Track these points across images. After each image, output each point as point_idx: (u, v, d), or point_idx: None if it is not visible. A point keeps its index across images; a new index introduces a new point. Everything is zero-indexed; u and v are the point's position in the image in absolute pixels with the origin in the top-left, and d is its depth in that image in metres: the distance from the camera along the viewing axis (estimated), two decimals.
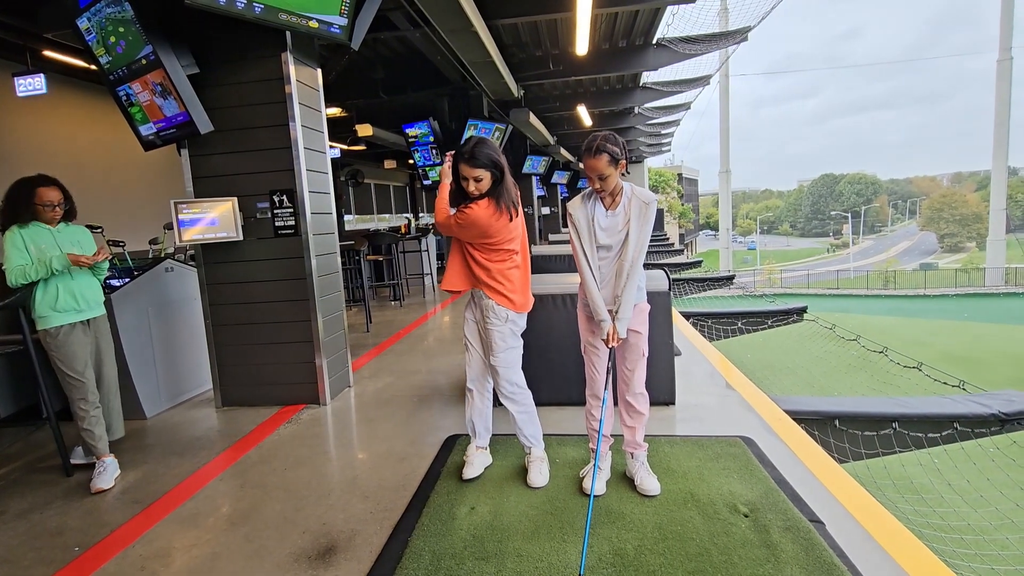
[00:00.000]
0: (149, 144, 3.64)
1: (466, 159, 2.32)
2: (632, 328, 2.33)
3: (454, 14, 4.72)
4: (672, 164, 53.35)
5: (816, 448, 2.81)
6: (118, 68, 3.38)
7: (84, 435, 2.80)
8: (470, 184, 2.35)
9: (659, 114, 15.79)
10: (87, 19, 3.29)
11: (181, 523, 2.37)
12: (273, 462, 2.92)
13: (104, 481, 2.72)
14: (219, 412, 3.76)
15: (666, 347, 3.31)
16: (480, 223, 2.34)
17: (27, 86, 5.54)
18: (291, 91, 3.50)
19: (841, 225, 78.79)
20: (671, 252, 19.52)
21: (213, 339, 3.83)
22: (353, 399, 3.89)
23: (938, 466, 4.43)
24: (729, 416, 3.23)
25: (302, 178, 3.59)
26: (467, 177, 2.34)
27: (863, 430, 3.98)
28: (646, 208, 2.24)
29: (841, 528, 2.08)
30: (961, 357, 19.86)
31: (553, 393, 3.30)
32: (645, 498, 2.32)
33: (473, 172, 2.33)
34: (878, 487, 4.01)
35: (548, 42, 7.77)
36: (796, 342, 11.94)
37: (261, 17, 3.00)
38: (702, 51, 8.52)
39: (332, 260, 3.98)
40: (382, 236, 8.00)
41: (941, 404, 4.26)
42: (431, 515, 2.25)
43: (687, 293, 12.66)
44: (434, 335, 5.91)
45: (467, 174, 2.34)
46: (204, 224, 3.56)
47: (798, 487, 2.36)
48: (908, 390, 5.95)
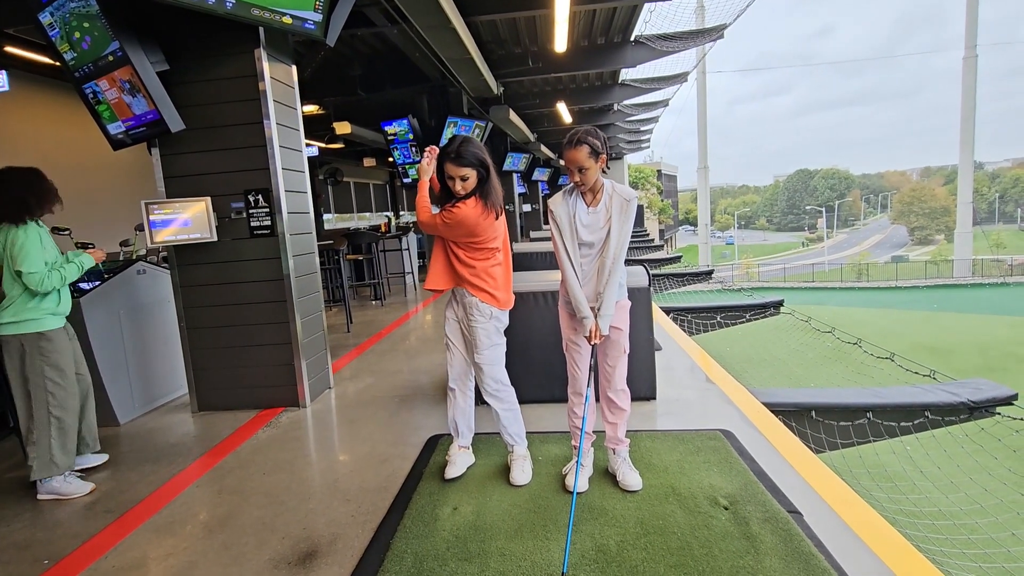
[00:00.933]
0: (118, 143, 3.54)
1: (452, 158, 2.30)
2: (613, 325, 2.34)
3: (432, 10, 4.68)
4: (651, 161, 53.83)
5: (793, 439, 2.86)
6: (84, 65, 3.28)
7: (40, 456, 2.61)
8: (456, 183, 2.33)
9: (638, 111, 15.90)
10: (50, 14, 3.18)
11: (156, 532, 2.32)
12: (251, 467, 2.87)
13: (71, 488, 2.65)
14: (195, 417, 3.69)
15: (647, 342, 3.34)
16: (468, 222, 2.32)
17: None
18: (265, 88, 3.44)
19: (816, 219, 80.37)
20: (651, 248, 19.69)
21: (188, 342, 3.75)
22: (334, 401, 3.84)
23: (910, 454, 4.55)
24: (709, 409, 3.27)
25: (278, 177, 3.53)
26: (453, 176, 2.33)
27: (838, 420, 4.07)
28: (627, 205, 2.25)
29: (818, 518, 2.12)
30: (931, 347, 20.43)
31: (535, 391, 3.30)
32: (627, 494, 2.34)
33: (460, 171, 2.31)
34: (853, 476, 4.10)
35: (527, 39, 7.75)
36: (773, 335, 12.14)
37: (233, 12, 2.94)
38: (679, 48, 8.59)
39: (310, 260, 3.93)
40: (362, 235, 7.92)
41: (913, 393, 4.38)
42: (413, 516, 2.24)
43: (667, 288, 12.79)
44: (416, 334, 5.87)
45: (453, 173, 2.32)
46: (177, 225, 3.48)
47: (776, 478, 2.40)
48: (882, 380, 6.09)
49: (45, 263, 2.59)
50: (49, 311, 2.65)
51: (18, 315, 2.58)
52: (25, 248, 2.53)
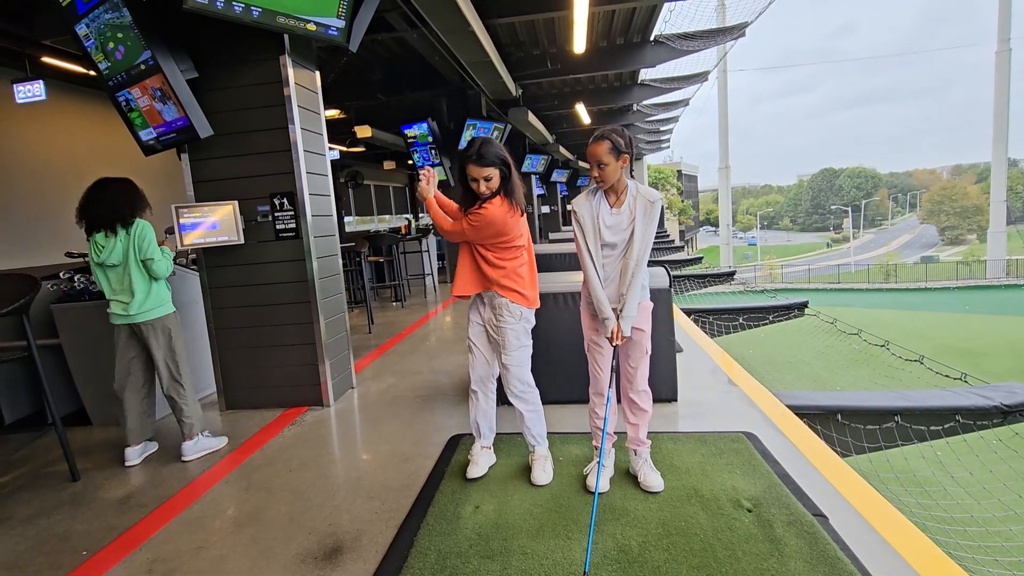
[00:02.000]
0: (149, 149, 3.64)
1: (475, 160, 2.32)
2: (635, 326, 2.34)
3: (451, 14, 4.72)
4: (671, 161, 53.34)
5: (818, 442, 2.82)
6: (117, 74, 3.39)
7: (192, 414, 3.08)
8: (480, 184, 2.35)
9: (658, 111, 15.79)
10: (85, 25, 3.30)
11: (188, 526, 2.38)
12: (278, 464, 2.93)
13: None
14: (223, 415, 3.78)
15: (668, 344, 3.32)
16: (497, 221, 2.35)
17: (26, 93, 5.55)
18: (290, 94, 3.51)
19: (841, 219, 78.74)
20: (672, 249, 19.53)
21: (216, 342, 3.84)
22: (356, 400, 3.90)
23: (941, 459, 4.43)
24: (731, 412, 3.24)
25: (302, 181, 3.60)
26: (476, 178, 2.34)
27: (865, 424, 4.00)
28: (651, 207, 2.25)
29: (845, 522, 2.09)
30: (963, 349, 19.85)
31: (556, 391, 3.30)
32: (649, 494, 2.33)
33: (483, 172, 2.33)
34: (881, 480, 4.02)
35: (546, 41, 7.77)
36: (797, 337, 11.94)
37: (259, 21, 3.01)
38: (700, 47, 8.52)
39: (333, 262, 3.99)
40: (383, 237, 8.01)
41: (943, 397, 4.27)
42: (436, 514, 2.26)
43: (688, 290, 12.68)
44: (436, 335, 5.92)
45: (477, 175, 2.33)
46: (205, 228, 3.57)
47: (801, 481, 2.37)
48: (910, 383, 5.96)
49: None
50: (170, 296, 3.11)
51: (159, 302, 3.02)
52: (149, 240, 2.94)
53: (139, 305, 2.94)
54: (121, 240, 2.91)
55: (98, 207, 2.89)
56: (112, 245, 2.89)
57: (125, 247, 2.92)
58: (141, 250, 2.92)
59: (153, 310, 2.99)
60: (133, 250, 2.92)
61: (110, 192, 2.92)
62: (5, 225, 6.25)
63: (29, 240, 6.42)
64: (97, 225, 2.89)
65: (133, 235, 2.92)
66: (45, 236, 6.55)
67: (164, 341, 3.03)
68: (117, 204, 2.91)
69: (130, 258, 2.92)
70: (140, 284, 2.94)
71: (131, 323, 2.97)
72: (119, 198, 2.92)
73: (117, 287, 2.96)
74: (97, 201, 2.90)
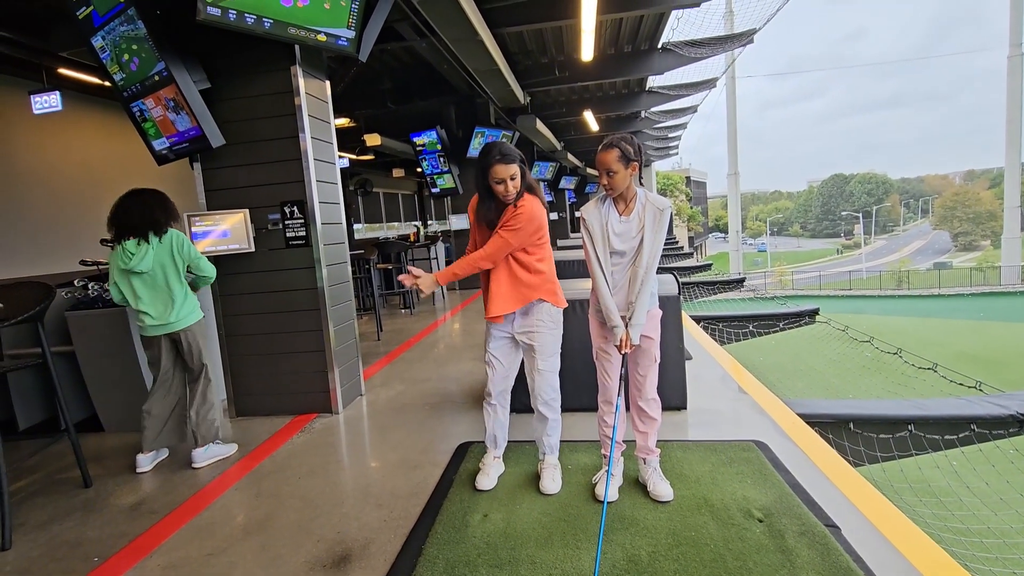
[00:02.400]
0: (162, 159, 3.70)
1: (499, 159, 2.30)
2: (644, 334, 2.33)
3: (460, 23, 4.77)
4: (680, 167, 53.22)
5: (830, 452, 2.79)
6: (132, 85, 3.45)
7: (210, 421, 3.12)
8: (507, 185, 2.33)
9: (666, 118, 15.79)
10: (101, 37, 3.36)
11: (198, 532, 2.39)
12: (287, 471, 2.94)
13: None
14: (233, 422, 3.80)
15: (677, 351, 3.30)
16: (536, 215, 2.38)
17: (43, 103, 5.66)
18: (300, 103, 3.55)
19: (852, 225, 78.08)
20: (680, 255, 19.45)
21: (226, 349, 3.87)
22: (365, 407, 3.91)
23: (956, 468, 4.37)
24: (741, 420, 3.21)
25: (312, 189, 3.64)
26: (503, 178, 2.32)
27: (878, 433, 3.94)
28: (660, 214, 2.25)
29: (857, 533, 2.06)
30: (977, 357, 19.56)
31: (564, 399, 3.29)
32: (658, 504, 2.32)
33: (510, 170, 2.31)
34: (895, 490, 3.96)
35: (553, 49, 7.81)
36: (809, 344, 11.84)
37: (271, 32, 3.05)
38: (708, 54, 8.52)
39: (343, 269, 4.02)
40: (392, 244, 8.05)
41: (958, 405, 4.21)
42: (444, 523, 2.26)
43: (697, 296, 12.61)
44: (444, 342, 5.92)
45: (504, 174, 2.31)
46: (216, 236, 3.61)
47: (813, 491, 2.34)
48: (924, 392, 5.88)
49: None
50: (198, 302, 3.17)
51: (193, 307, 3.10)
52: (188, 245, 3.05)
53: (177, 312, 3.01)
54: (153, 248, 2.94)
55: (131, 215, 2.95)
56: (143, 252, 2.92)
57: (158, 256, 2.95)
58: (186, 257, 3.02)
59: (190, 315, 3.06)
60: (172, 258, 2.99)
61: (144, 201, 2.98)
62: (21, 233, 6.35)
63: (44, 248, 6.52)
64: (128, 232, 2.93)
65: (170, 244, 2.98)
66: (60, 244, 6.64)
67: (201, 344, 3.11)
68: (152, 213, 2.97)
69: (167, 267, 2.97)
70: (178, 291, 3.01)
71: (170, 332, 3.02)
72: (154, 207, 2.99)
73: (144, 296, 2.97)
74: (130, 209, 2.95)
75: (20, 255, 6.29)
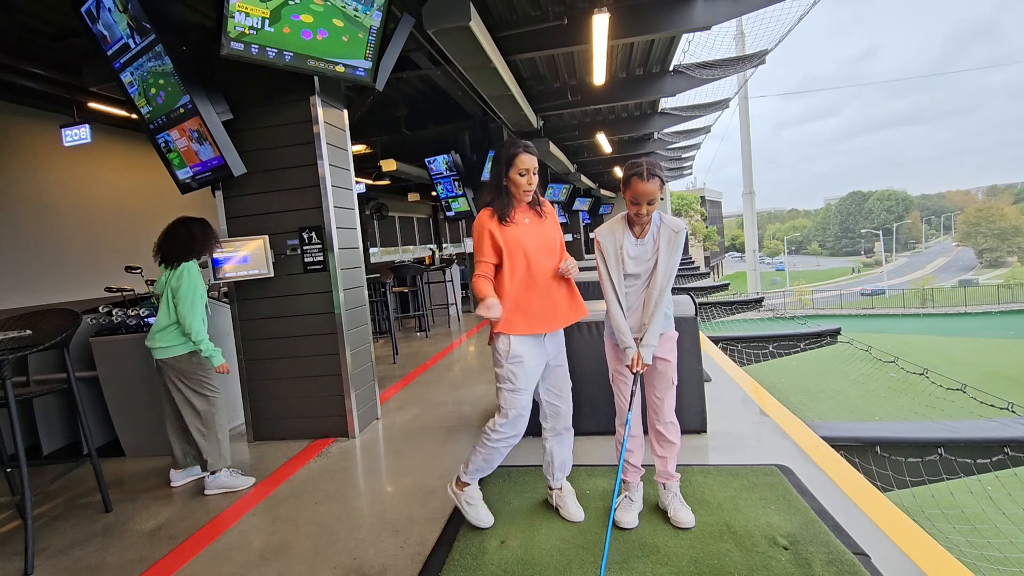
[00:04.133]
0: (185, 187, 3.80)
1: (526, 148, 2.25)
2: (660, 356, 2.31)
3: (474, 52, 4.87)
4: (694, 187, 53.15)
5: (857, 476, 2.71)
6: (158, 117, 3.57)
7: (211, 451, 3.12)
8: (531, 176, 2.26)
9: (679, 138, 15.84)
10: (130, 73, 3.50)
11: (215, 558, 2.39)
12: (304, 496, 2.94)
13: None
14: (251, 447, 3.82)
15: (695, 373, 3.26)
16: None
17: (73, 136, 5.88)
18: (319, 132, 3.64)
19: (873, 243, 76.92)
20: (697, 275, 19.29)
21: (245, 374, 3.91)
22: (381, 431, 3.90)
23: (990, 493, 4.20)
24: (764, 444, 3.14)
25: (330, 215, 3.70)
26: (528, 168, 2.24)
27: (907, 456, 3.82)
28: (675, 236, 2.24)
29: (888, 561, 1.99)
30: (1008, 377, 18.95)
31: (580, 423, 3.25)
32: (679, 530, 2.26)
33: (535, 161, 2.27)
34: (926, 517, 3.82)
35: (566, 73, 7.92)
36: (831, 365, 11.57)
37: (291, 64, 3.16)
38: (720, 75, 8.57)
39: (359, 293, 4.06)
40: (407, 268, 8.12)
41: (989, 428, 4.06)
42: (461, 549, 2.23)
43: (715, 317, 12.46)
44: (460, 365, 5.92)
45: (529, 164, 2.24)
46: (236, 262, 3.69)
47: (840, 518, 2.27)
48: (953, 413, 5.69)
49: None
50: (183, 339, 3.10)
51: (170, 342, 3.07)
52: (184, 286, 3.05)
53: (152, 338, 3.07)
54: (166, 275, 3.09)
55: (161, 243, 3.15)
56: (163, 279, 3.12)
57: (166, 279, 3.10)
58: (174, 286, 3.05)
59: (169, 348, 3.06)
60: (167, 284, 3.08)
61: (172, 230, 3.15)
62: (50, 261, 6.53)
63: (71, 275, 6.70)
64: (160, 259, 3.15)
65: (176, 272, 3.07)
66: (86, 271, 6.82)
67: (178, 381, 3.09)
68: (170, 243, 3.12)
69: (167, 293, 3.07)
70: (162, 318, 3.08)
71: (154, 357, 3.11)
72: (173, 238, 3.13)
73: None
74: (164, 236, 3.15)
75: (48, 282, 6.47)
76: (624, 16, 5.73)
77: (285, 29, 3.06)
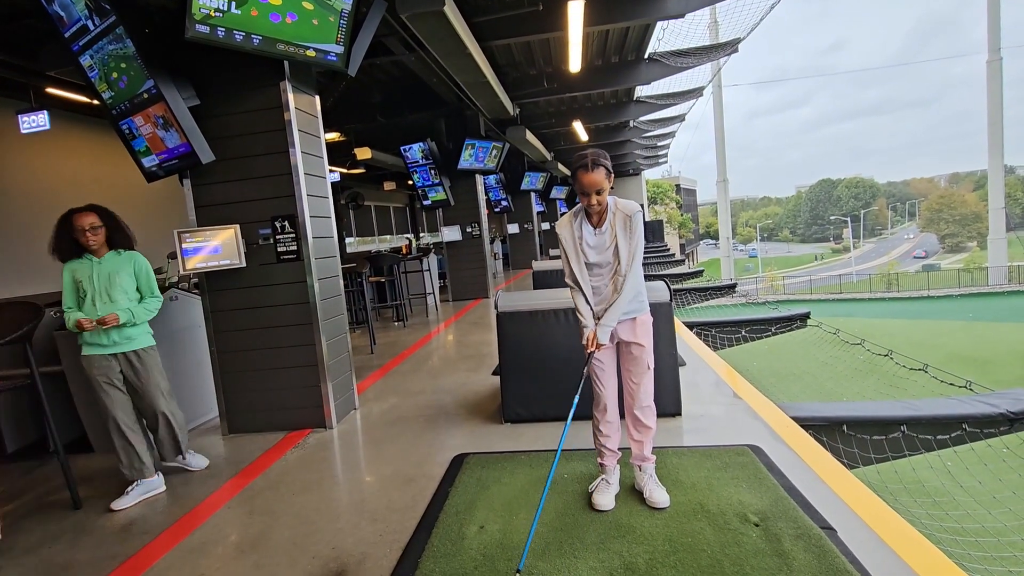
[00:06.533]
0: (152, 176, 3.69)
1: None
2: (635, 341, 2.35)
3: (448, 38, 4.81)
4: (669, 175, 53.63)
5: (824, 454, 2.80)
6: (121, 103, 3.45)
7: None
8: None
9: (654, 127, 15.96)
10: (90, 56, 3.36)
11: (190, 552, 2.36)
12: (281, 488, 2.91)
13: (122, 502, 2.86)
14: (226, 439, 3.76)
15: (670, 358, 3.31)
16: None
17: (31, 123, 5.64)
18: (290, 118, 3.56)
19: (841, 229, 78.87)
20: (672, 262, 19.53)
21: (218, 366, 3.84)
22: (359, 421, 3.88)
23: (949, 468, 4.39)
24: (736, 425, 3.23)
25: (303, 203, 3.64)
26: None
27: (871, 434, 3.96)
28: (629, 220, 2.27)
29: (853, 534, 2.07)
30: (967, 357, 19.74)
31: (558, 408, 3.29)
32: (654, 511, 2.31)
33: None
34: (889, 491, 3.98)
35: (541, 60, 7.89)
36: (801, 348, 11.89)
37: (260, 48, 3.07)
38: (694, 64, 8.64)
39: (335, 283, 4.01)
40: (384, 257, 8.05)
41: (949, 405, 4.24)
42: (440, 536, 2.25)
43: (690, 303, 12.64)
44: (438, 354, 5.91)
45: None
46: (207, 252, 3.60)
47: (808, 494, 2.35)
48: (915, 392, 5.91)
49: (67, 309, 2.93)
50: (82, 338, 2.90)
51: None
52: None
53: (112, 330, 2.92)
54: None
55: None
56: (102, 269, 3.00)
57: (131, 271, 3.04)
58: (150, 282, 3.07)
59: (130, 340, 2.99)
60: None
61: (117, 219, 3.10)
62: (10, 252, 6.30)
63: (33, 267, 6.46)
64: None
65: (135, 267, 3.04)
66: (49, 263, 6.57)
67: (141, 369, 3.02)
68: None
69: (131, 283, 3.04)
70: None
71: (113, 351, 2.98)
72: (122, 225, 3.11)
73: None
74: None
75: (8, 275, 6.23)
76: (599, 3, 5.72)
77: (252, 12, 2.97)
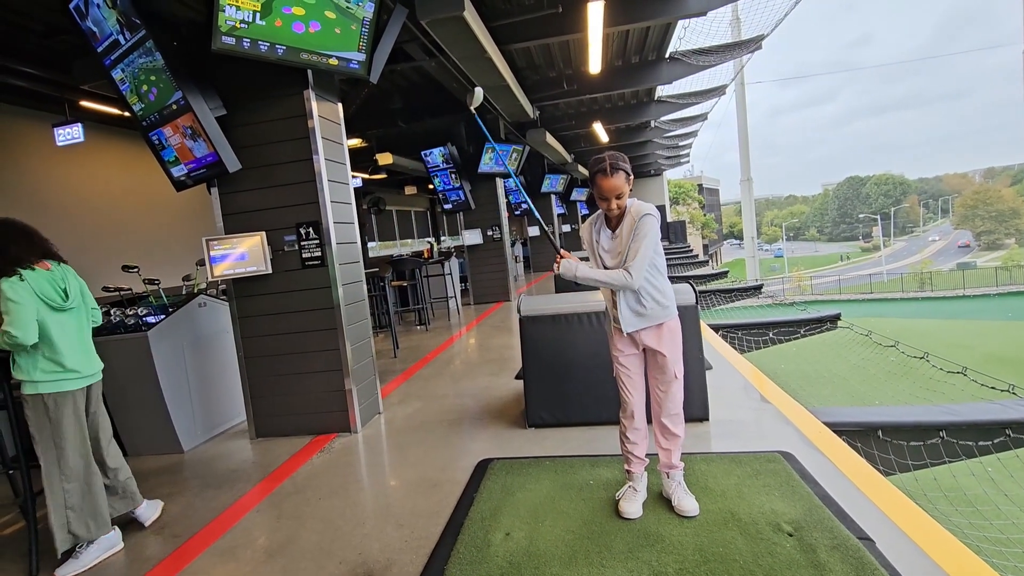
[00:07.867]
0: (181, 185, 3.77)
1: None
2: (659, 351, 2.31)
3: (468, 42, 4.82)
4: (692, 175, 53.01)
5: (860, 461, 2.71)
6: (150, 114, 3.53)
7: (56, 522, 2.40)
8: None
9: (676, 126, 15.76)
10: (121, 69, 3.46)
11: (220, 556, 2.39)
12: (307, 492, 2.94)
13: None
14: (253, 444, 3.81)
15: (697, 361, 3.25)
16: None
17: (66, 135, 5.83)
18: (314, 126, 3.61)
19: (871, 227, 76.91)
20: (696, 263, 19.26)
21: (246, 371, 3.90)
22: (383, 426, 3.90)
23: (992, 475, 4.20)
24: (766, 430, 3.15)
25: (327, 209, 3.68)
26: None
27: (909, 440, 3.83)
28: (636, 221, 2.23)
29: (893, 545, 1.99)
30: (1008, 359, 19.01)
31: (582, 413, 3.26)
32: (684, 519, 2.26)
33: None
34: (929, 500, 3.83)
35: (561, 63, 7.86)
36: (831, 350, 11.57)
37: (284, 58, 3.12)
38: (716, 62, 8.51)
39: (358, 288, 4.04)
40: (406, 262, 8.10)
41: (990, 410, 4.07)
42: (466, 542, 2.23)
43: (714, 305, 12.43)
44: (460, 358, 5.91)
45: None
46: (234, 259, 3.66)
47: (844, 503, 2.27)
48: (954, 396, 5.69)
49: None
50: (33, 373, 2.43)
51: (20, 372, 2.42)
52: None
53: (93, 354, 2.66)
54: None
55: None
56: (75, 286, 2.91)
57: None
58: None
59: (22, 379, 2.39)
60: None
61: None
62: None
63: None
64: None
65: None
66: (83, 271, 6.78)
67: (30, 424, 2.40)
68: None
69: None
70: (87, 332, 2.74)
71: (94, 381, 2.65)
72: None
73: None
74: None
75: None
76: (619, 3, 5.67)
77: (277, 22, 3.02)
